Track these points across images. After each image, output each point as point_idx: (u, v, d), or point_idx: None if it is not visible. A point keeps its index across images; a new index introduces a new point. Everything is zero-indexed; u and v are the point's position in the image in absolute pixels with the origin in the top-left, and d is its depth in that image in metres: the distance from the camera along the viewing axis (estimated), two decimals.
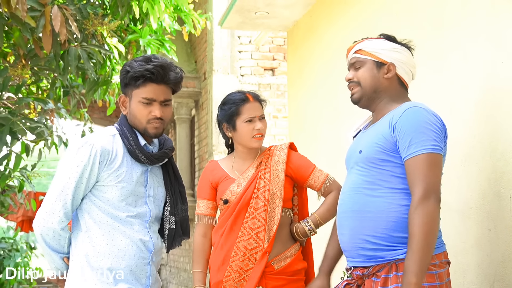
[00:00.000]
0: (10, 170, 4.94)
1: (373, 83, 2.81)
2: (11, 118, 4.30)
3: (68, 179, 2.75)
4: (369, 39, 2.86)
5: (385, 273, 2.63)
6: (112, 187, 2.81)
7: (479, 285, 3.12)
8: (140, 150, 2.87)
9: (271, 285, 3.16)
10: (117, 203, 2.82)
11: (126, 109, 2.93)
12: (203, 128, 9.77)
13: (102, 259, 2.79)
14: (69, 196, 2.75)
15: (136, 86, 2.85)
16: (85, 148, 2.77)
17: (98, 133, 2.90)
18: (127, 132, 2.88)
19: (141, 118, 2.87)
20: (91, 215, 2.81)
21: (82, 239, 2.81)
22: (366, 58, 2.82)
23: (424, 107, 2.67)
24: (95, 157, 2.77)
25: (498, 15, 3.06)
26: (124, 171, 2.83)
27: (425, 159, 2.57)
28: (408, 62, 2.82)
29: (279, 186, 3.24)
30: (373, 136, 2.73)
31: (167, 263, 13.19)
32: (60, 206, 2.75)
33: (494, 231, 3.02)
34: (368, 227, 2.65)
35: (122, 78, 2.90)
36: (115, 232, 2.81)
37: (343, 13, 4.98)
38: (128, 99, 2.91)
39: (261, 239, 3.18)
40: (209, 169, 3.40)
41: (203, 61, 9.81)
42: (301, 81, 5.98)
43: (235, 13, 6.09)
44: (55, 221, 2.74)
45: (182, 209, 3.06)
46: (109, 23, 4.50)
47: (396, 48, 2.81)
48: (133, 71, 2.83)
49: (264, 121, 3.31)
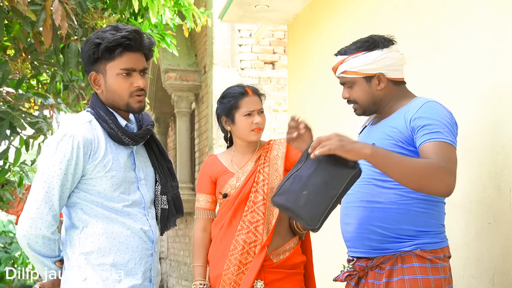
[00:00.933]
0: (10, 164, 4.95)
1: (368, 98, 2.79)
2: (11, 113, 4.29)
3: (52, 178, 2.49)
4: (349, 57, 2.77)
5: (390, 265, 2.63)
6: (101, 178, 2.57)
7: (479, 278, 3.12)
8: (122, 131, 2.62)
9: (270, 279, 3.17)
10: (110, 194, 2.59)
11: (100, 87, 2.64)
12: (203, 122, 9.76)
13: (103, 255, 2.57)
14: (55, 196, 2.50)
15: (111, 58, 2.57)
16: (65, 141, 2.51)
17: (74, 121, 2.60)
18: (104, 114, 2.61)
19: (122, 92, 2.60)
20: (84, 211, 2.58)
21: (78, 237, 2.58)
22: (354, 76, 2.78)
23: (439, 103, 2.67)
24: (78, 149, 2.51)
25: (499, 8, 3.06)
26: (110, 158, 2.59)
27: (446, 147, 2.52)
28: (394, 61, 2.76)
29: (278, 180, 3.25)
30: (386, 130, 2.72)
31: (167, 257, 13.20)
32: (47, 210, 2.50)
33: (494, 225, 3.02)
34: (377, 218, 2.65)
35: (90, 53, 2.58)
36: (114, 225, 2.59)
37: (343, 6, 4.97)
38: (102, 76, 2.62)
39: (260, 233, 3.18)
40: (208, 163, 3.41)
41: (203, 55, 9.80)
42: (301, 75, 5.97)
43: (235, 6, 6.08)
44: (44, 226, 2.50)
45: (173, 186, 2.83)
46: (109, 17, 4.49)
47: (378, 57, 2.73)
48: (107, 41, 2.55)
49: (263, 115, 3.31)
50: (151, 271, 2.70)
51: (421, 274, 2.57)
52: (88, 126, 2.58)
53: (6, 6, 4.06)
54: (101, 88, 2.64)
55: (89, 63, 2.63)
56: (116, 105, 2.65)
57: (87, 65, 2.64)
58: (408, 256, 2.60)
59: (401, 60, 2.81)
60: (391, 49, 2.77)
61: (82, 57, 2.69)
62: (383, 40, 2.78)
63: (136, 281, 2.62)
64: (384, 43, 2.77)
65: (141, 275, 2.64)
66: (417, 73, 3.64)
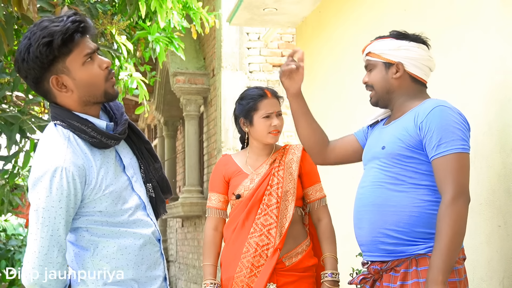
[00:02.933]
0: (19, 168, 4.97)
1: (383, 84, 2.81)
2: (20, 117, 4.31)
3: (55, 219, 2.26)
4: (378, 40, 2.86)
5: (404, 267, 2.63)
6: (100, 198, 2.37)
7: (488, 281, 3.12)
8: (105, 136, 2.37)
9: (282, 282, 3.17)
10: (112, 209, 2.40)
11: (68, 88, 2.33)
12: (212, 125, 9.77)
13: (122, 272, 2.41)
14: (62, 237, 2.29)
15: (68, 51, 2.27)
16: (58, 177, 2.25)
17: (53, 145, 2.31)
18: (79, 124, 2.33)
19: (97, 79, 2.34)
20: (91, 232, 2.39)
21: (91, 260, 2.40)
22: (375, 60, 2.83)
23: (449, 105, 2.67)
24: (74, 181, 2.28)
25: (507, 11, 3.05)
26: (103, 174, 2.38)
27: (456, 159, 2.56)
28: (419, 57, 2.79)
29: (292, 184, 3.25)
30: (397, 133, 2.72)
31: (176, 260, 13.21)
32: (56, 252, 2.28)
33: (504, 227, 3.01)
34: (390, 221, 2.65)
35: (42, 57, 2.24)
36: (125, 239, 2.43)
37: (352, 8, 4.97)
38: (65, 75, 2.31)
39: (272, 236, 3.18)
40: (222, 162, 3.41)
41: (211, 58, 9.81)
42: (309, 78, 5.97)
43: (243, 9, 6.09)
44: (55, 269, 2.29)
45: (156, 168, 2.61)
46: (119, 22, 4.51)
47: (403, 46, 2.78)
48: (60, 33, 2.23)
49: (281, 117, 3.34)
50: (164, 270, 2.59)
51: None
52: (70, 146, 2.32)
53: (16, 13, 4.09)
54: (70, 89, 2.33)
55: (42, 71, 2.29)
56: (93, 99, 2.37)
57: (39, 74, 2.30)
58: (423, 258, 2.60)
59: (427, 61, 2.82)
60: (420, 46, 2.81)
61: (24, 71, 2.31)
62: (415, 36, 2.83)
63: (156, 286, 2.51)
64: (415, 38, 2.82)
65: (159, 278, 2.55)
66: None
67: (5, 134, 4.36)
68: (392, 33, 2.85)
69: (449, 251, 2.49)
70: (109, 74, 2.38)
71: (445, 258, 2.49)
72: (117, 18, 4.57)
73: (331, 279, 3.18)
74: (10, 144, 4.33)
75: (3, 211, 5.40)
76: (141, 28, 5.49)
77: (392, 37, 2.83)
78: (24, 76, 2.34)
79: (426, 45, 2.84)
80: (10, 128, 4.26)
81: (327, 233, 3.28)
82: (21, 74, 2.35)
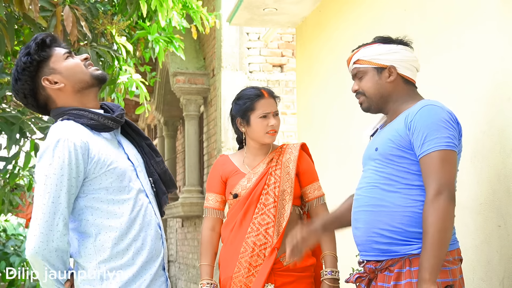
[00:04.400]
0: (20, 168, 4.97)
1: (377, 90, 2.82)
2: (20, 117, 4.32)
3: (56, 187, 2.38)
4: (364, 47, 2.87)
5: (398, 267, 2.64)
6: (105, 173, 2.49)
7: (488, 281, 3.12)
8: (102, 117, 2.56)
9: (280, 282, 3.17)
10: (118, 185, 2.52)
11: (59, 82, 2.57)
12: (212, 125, 9.78)
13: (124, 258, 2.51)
14: (62, 205, 2.40)
15: (48, 54, 2.56)
16: (60, 146, 2.41)
17: (59, 129, 2.50)
18: (77, 111, 2.55)
19: (79, 67, 2.60)
20: (95, 215, 2.50)
21: (93, 245, 2.50)
22: (366, 66, 2.83)
23: (439, 104, 2.68)
24: (76, 151, 2.42)
25: (507, 10, 3.05)
26: (107, 152, 2.52)
27: (439, 156, 2.57)
28: (408, 59, 2.82)
29: (289, 183, 3.26)
30: (388, 134, 2.74)
31: (176, 260, 13.22)
32: (57, 220, 2.38)
33: (504, 227, 3.01)
34: (384, 221, 2.66)
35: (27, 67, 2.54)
36: (130, 225, 2.53)
37: (351, 9, 4.97)
38: (53, 74, 2.58)
39: (270, 235, 3.18)
40: (219, 162, 3.42)
41: (211, 58, 9.81)
42: (309, 78, 5.98)
43: (243, 9, 6.09)
44: (56, 238, 2.38)
45: (157, 162, 2.76)
46: (119, 23, 4.51)
47: (392, 49, 2.81)
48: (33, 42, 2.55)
49: (277, 117, 3.33)
50: (163, 258, 2.66)
51: None
52: (75, 128, 2.50)
53: (17, 12, 4.09)
54: (61, 82, 2.58)
55: (32, 79, 2.57)
56: (84, 84, 2.60)
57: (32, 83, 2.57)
58: (416, 259, 2.60)
59: (415, 61, 2.85)
60: (407, 48, 2.84)
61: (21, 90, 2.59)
62: (399, 40, 2.86)
63: (154, 270, 2.57)
64: (400, 41, 2.85)
65: (157, 264, 2.61)
66: (425, 75, 3.64)
67: (5, 134, 4.36)
68: (377, 39, 2.87)
69: (435, 249, 2.49)
70: (87, 63, 2.63)
71: (430, 256, 2.49)
72: (117, 18, 4.57)
73: (330, 277, 3.18)
74: (10, 144, 4.34)
75: (3, 211, 5.41)
76: (141, 28, 5.49)
77: (378, 42, 2.85)
78: (22, 96, 2.60)
79: (410, 47, 2.87)
80: (10, 128, 4.27)
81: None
82: (19, 98, 2.62)
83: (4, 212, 5.55)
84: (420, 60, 3.58)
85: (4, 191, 5.06)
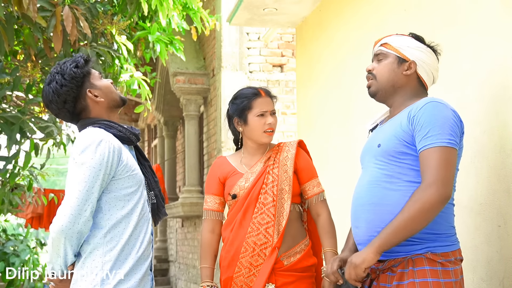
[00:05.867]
0: (20, 168, 4.97)
1: (390, 77, 2.84)
2: (21, 117, 4.32)
3: (93, 178, 2.70)
4: (397, 35, 2.91)
5: (401, 268, 2.64)
6: (128, 177, 2.81)
7: (488, 281, 3.12)
8: (128, 131, 2.93)
9: (281, 282, 3.17)
10: (135, 189, 2.83)
11: (100, 96, 2.93)
12: (212, 125, 9.78)
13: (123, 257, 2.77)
14: (94, 195, 2.71)
15: (88, 71, 2.93)
16: (103, 145, 2.74)
17: (97, 132, 2.83)
18: (108, 122, 2.90)
19: (111, 87, 2.96)
20: (112, 212, 2.79)
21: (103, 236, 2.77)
22: (390, 52, 2.86)
23: (443, 102, 2.69)
24: (113, 153, 2.76)
25: (507, 10, 3.05)
26: (131, 159, 2.86)
27: (439, 152, 2.57)
28: (431, 63, 2.85)
29: (287, 182, 3.25)
30: (391, 129, 2.75)
31: (176, 260, 13.22)
32: (87, 206, 2.69)
33: (504, 227, 3.01)
34: (386, 221, 2.65)
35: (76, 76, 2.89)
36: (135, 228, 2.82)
37: (351, 8, 4.98)
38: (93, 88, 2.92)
39: (270, 235, 3.18)
40: (217, 164, 3.42)
41: (211, 58, 9.81)
42: (309, 78, 5.98)
43: (243, 9, 6.09)
44: (82, 221, 2.68)
45: (156, 181, 3.06)
46: (119, 22, 4.51)
47: (421, 47, 2.84)
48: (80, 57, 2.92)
49: (275, 116, 3.34)
50: (151, 260, 2.89)
51: (432, 277, 2.57)
52: (108, 132, 2.83)
53: (16, 12, 4.09)
54: (101, 97, 2.93)
55: (78, 89, 2.88)
56: (115, 103, 2.97)
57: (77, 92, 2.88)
58: (419, 259, 2.60)
59: (435, 70, 2.89)
60: (433, 54, 2.88)
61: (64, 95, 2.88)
62: (431, 45, 2.90)
63: (143, 271, 2.81)
64: (431, 46, 2.89)
65: (146, 265, 2.84)
66: None
67: (5, 134, 4.36)
68: (412, 34, 2.91)
69: (398, 232, 2.54)
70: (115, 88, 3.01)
71: (391, 234, 2.54)
72: (117, 18, 4.57)
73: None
74: (10, 144, 4.34)
75: (3, 211, 5.41)
76: (141, 28, 5.49)
77: (411, 36, 2.89)
78: (62, 101, 2.89)
79: (437, 52, 2.90)
80: (10, 128, 4.27)
81: (327, 228, 3.28)
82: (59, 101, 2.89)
83: (4, 212, 5.54)
84: None
85: (4, 191, 5.06)
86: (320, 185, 3.35)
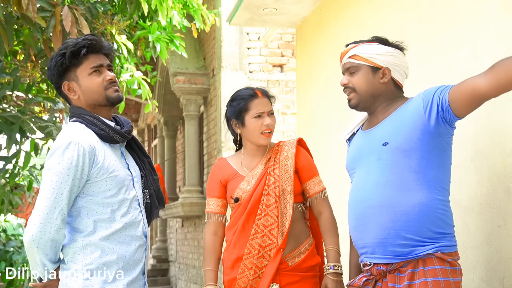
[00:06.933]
0: (20, 168, 4.97)
1: (369, 88, 2.83)
2: (20, 117, 4.32)
3: (60, 184, 2.60)
4: (362, 44, 2.87)
5: (411, 267, 2.63)
6: (105, 179, 2.70)
7: (488, 281, 3.12)
8: (112, 130, 2.78)
9: (285, 282, 3.17)
10: (115, 192, 2.72)
11: (75, 93, 2.80)
12: (212, 125, 9.78)
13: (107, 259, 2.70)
14: (64, 201, 2.60)
15: (79, 63, 2.77)
16: (71, 148, 2.62)
17: (71, 130, 2.73)
18: (91, 118, 2.77)
19: (97, 88, 2.78)
20: (90, 215, 2.70)
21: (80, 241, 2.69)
22: (361, 63, 2.83)
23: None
24: (84, 155, 2.64)
25: (507, 10, 3.05)
26: (110, 160, 2.73)
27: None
28: (402, 64, 2.85)
29: (289, 182, 3.25)
30: (397, 126, 2.73)
31: (176, 260, 13.22)
32: (56, 214, 2.59)
33: (504, 227, 3.01)
34: (401, 222, 2.63)
35: (58, 66, 2.76)
36: (119, 231, 2.73)
37: (351, 9, 4.97)
38: (74, 82, 2.79)
39: (274, 236, 3.18)
40: (218, 166, 3.41)
41: (211, 58, 9.81)
42: (309, 78, 5.98)
43: (243, 9, 6.09)
44: (53, 230, 2.59)
45: (154, 179, 2.97)
46: (119, 22, 4.51)
47: (390, 52, 2.83)
48: (71, 47, 2.74)
49: (273, 116, 3.32)
50: (144, 264, 2.83)
51: (443, 276, 2.58)
52: (86, 132, 2.72)
53: (16, 13, 4.09)
54: (77, 94, 2.80)
55: (58, 76, 2.79)
56: (96, 103, 2.81)
57: (57, 79, 2.80)
58: (429, 258, 2.60)
59: (406, 68, 2.89)
60: (401, 54, 2.87)
61: (50, 76, 2.84)
62: (396, 43, 2.88)
63: (133, 276, 2.75)
64: (396, 46, 2.87)
65: (138, 270, 2.78)
66: (426, 75, 3.64)
67: (5, 134, 4.36)
68: (376, 38, 2.88)
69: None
70: (110, 83, 2.80)
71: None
72: (117, 18, 4.57)
73: (333, 271, 3.16)
74: (10, 143, 4.34)
75: (3, 211, 5.41)
76: (141, 28, 5.49)
77: (376, 42, 2.86)
78: (51, 80, 2.84)
79: (404, 50, 2.90)
80: (10, 127, 4.27)
81: (329, 226, 3.27)
82: (50, 81, 2.85)
83: (4, 212, 5.54)
84: (420, 60, 3.59)
85: (4, 191, 5.06)
86: (321, 183, 3.35)
